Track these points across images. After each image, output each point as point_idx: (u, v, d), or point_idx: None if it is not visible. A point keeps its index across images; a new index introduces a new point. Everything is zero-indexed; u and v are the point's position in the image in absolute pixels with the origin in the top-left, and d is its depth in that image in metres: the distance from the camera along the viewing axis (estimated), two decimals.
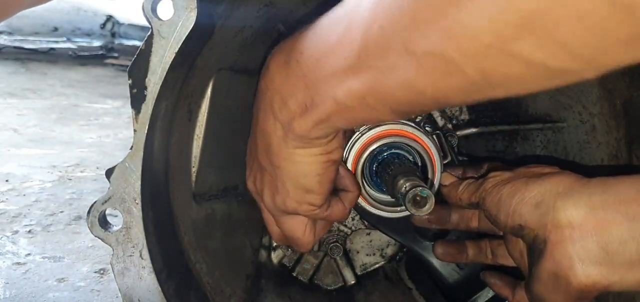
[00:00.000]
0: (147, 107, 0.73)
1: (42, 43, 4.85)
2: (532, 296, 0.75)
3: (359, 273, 1.25)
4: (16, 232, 1.82)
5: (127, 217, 0.76)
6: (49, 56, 4.78)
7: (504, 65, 0.49)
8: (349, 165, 0.93)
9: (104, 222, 0.78)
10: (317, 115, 0.66)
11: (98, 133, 3.02)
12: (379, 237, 1.25)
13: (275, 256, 1.22)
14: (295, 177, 0.77)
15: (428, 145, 0.92)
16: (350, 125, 0.69)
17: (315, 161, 0.75)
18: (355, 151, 0.92)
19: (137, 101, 0.73)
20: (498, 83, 0.51)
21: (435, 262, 1.01)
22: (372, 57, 0.57)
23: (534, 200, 0.72)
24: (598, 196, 0.68)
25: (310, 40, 0.67)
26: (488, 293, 0.98)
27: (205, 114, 0.96)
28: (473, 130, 1.19)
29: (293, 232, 0.87)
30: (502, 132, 1.19)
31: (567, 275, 0.67)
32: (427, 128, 0.95)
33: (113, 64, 4.91)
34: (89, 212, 0.76)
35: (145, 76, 0.72)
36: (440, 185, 0.92)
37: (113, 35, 5.34)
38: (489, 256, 0.93)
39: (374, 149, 0.92)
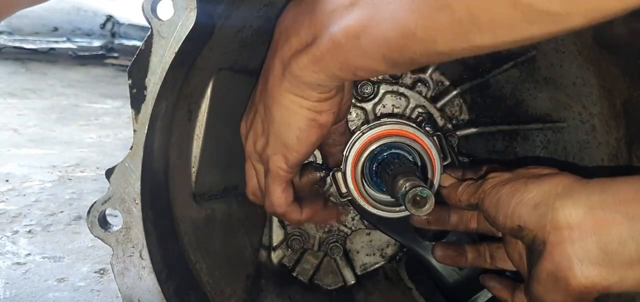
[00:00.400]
0: (147, 107, 0.73)
1: (42, 43, 4.85)
2: (532, 297, 0.75)
3: (359, 273, 1.25)
4: (16, 232, 1.82)
5: (127, 217, 0.76)
6: (49, 56, 4.78)
7: (491, 4, 0.50)
8: (349, 164, 0.92)
9: (104, 222, 0.78)
10: (312, 52, 0.67)
11: (98, 133, 3.02)
12: (379, 237, 1.25)
13: (275, 256, 1.22)
14: (278, 125, 0.77)
15: (428, 145, 0.92)
16: (343, 73, 0.68)
17: (301, 114, 0.74)
18: (355, 151, 0.92)
19: (137, 101, 0.73)
20: (485, 25, 0.53)
21: (435, 262, 1.00)
22: None
23: (533, 201, 0.72)
24: (597, 196, 0.68)
25: None
26: (487, 293, 0.98)
27: (205, 114, 0.96)
28: (473, 130, 1.19)
29: (268, 185, 0.87)
30: (502, 132, 1.19)
31: (566, 276, 0.67)
32: (427, 129, 0.95)
33: (113, 64, 4.91)
34: (89, 212, 0.76)
35: (145, 76, 0.72)
36: (439, 186, 0.92)
37: (113, 35, 5.34)
38: (488, 259, 0.93)
39: (374, 149, 0.92)
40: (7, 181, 2.22)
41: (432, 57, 0.62)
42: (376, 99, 1.14)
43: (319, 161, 1.12)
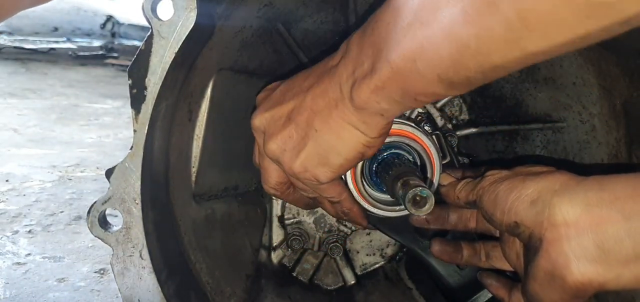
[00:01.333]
0: (147, 107, 0.73)
1: (42, 43, 4.85)
2: (528, 296, 0.74)
3: (359, 273, 1.25)
4: (16, 232, 1.82)
5: (127, 217, 0.76)
6: (49, 56, 4.78)
7: (541, 2, 0.50)
8: None
9: (104, 222, 0.78)
10: (374, 82, 0.67)
11: (98, 133, 3.02)
12: (379, 237, 1.25)
13: (275, 256, 1.22)
14: (326, 148, 0.77)
15: (427, 145, 0.92)
16: (405, 100, 0.68)
17: (354, 147, 0.76)
18: None
19: (137, 101, 0.73)
20: (535, 26, 0.52)
21: (435, 262, 1.00)
22: (426, 11, 0.59)
23: (530, 197, 0.72)
24: (594, 193, 0.67)
25: (386, 8, 0.68)
26: (487, 294, 0.98)
27: (205, 114, 0.96)
28: (473, 130, 1.19)
29: (267, 174, 0.88)
30: (502, 132, 1.19)
31: (562, 273, 0.67)
32: (426, 128, 0.95)
33: (113, 64, 4.91)
34: (89, 212, 0.76)
35: (145, 76, 0.72)
36: (438, 185, 0.92)
37: (113, 35, 5.35)
38: (483, 258, 0.93)
39: None
40: (7, 181, 2.22)
41: (487, 73, 0.60)
42: None
43: None
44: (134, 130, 0.74)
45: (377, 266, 1.26)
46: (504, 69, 0.59)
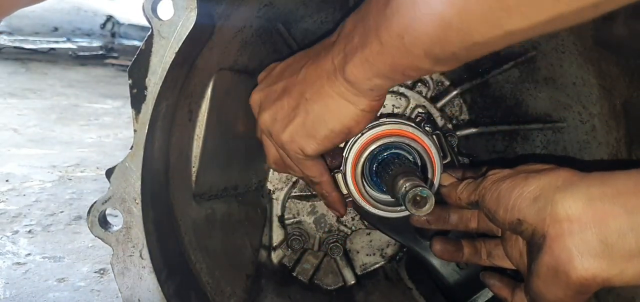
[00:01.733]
0: (147, 107, 0.73)
1: (42, 43, 4.85)
2: (532, 293, 0.74)
3: (359, 273, 1.25)
4: (16, 232, 1.82)
5: (127, 217, 0.76)
6: (49, 56, 4.78)
7: None
8: (349, 165, 0.93)
9: (104, 222, 0.78)
10: (365, 55, 0.71)
11: (98, 133, 3.02)
12: (379, 237, 1.25)
13: (275, 256, 1.22)
14: (314, 117, 0.81)
15: (428, 145, 0.92)
16: (393, 74, 0.71)
17: (343, 118, 0.79)
18: (355, 151, 0.92)
19: (137, 101, 0.73)
20: (514, 8, 0.56)
21: (435, 262, 1.00)
22: None
23: (533, 194, 0.72)
24: (596, 188, 0.67)
25: None
26: (488, 293, 0.98)
27: (205, 114, 0.96)
28: (473, 130, 1.19)
29: (267, 149, 0.94)
30: (502, 132, 1.19)
31: (566, 269, 0.67)
32: (426, 128, 0.95)
33: (113, 64, 4.91)
34: (89, 212, 0.76)
35: (146, 76, 0.72)
36: (439, 185, 0.92)
37: (113, 35, 5.35)
38: (484, 256, 0.93)
39: (373, 149, 0.92)
40: (7, 181, 2.22)
41: (471, 50, 0.63)
42: None
43: None
44: (134, 130, 0.74)
45: (377, 266, 1.26)
46: (486, 46, 0.62)
